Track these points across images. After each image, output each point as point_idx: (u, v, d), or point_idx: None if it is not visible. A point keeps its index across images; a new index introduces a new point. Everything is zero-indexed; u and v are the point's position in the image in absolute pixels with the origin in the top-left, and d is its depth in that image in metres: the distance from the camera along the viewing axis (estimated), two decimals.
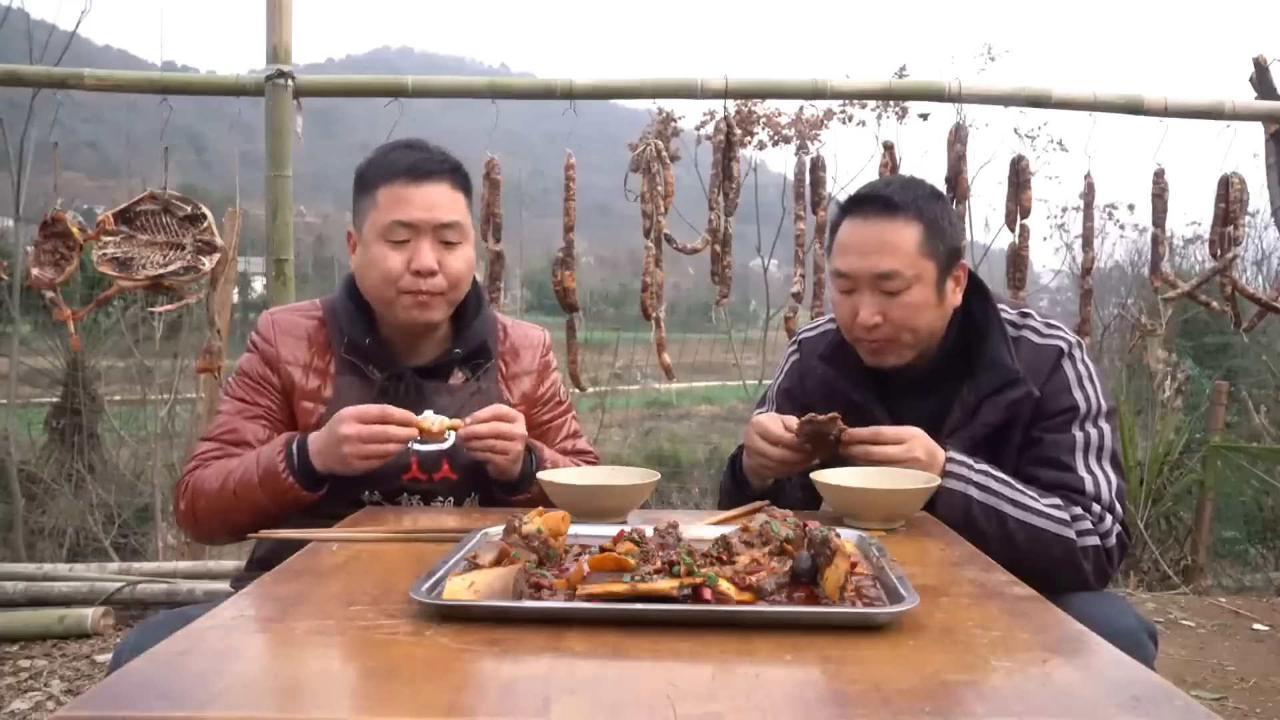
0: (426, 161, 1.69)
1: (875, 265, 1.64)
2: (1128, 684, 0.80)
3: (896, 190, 1.67)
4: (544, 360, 1.92)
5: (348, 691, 0.79)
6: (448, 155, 1.73)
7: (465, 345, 1.79)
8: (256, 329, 1.79)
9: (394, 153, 1.71)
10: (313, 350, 1.75)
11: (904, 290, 1.64)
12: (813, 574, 1.01)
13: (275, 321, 1.78)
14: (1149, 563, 4.58)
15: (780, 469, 1.66)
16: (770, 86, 3.34)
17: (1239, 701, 3.02)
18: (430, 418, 1.57)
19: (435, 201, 1.67)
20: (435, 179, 1.68)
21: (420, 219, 1.66)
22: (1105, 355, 6.70)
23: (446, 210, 1.68)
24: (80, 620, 3.37)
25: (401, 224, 1.66)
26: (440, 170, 1.69)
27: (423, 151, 1.71)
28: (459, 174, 1.73)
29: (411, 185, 1.67)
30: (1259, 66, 4.14)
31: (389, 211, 1.66)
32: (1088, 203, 3.27)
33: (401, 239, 1.67)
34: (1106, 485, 1.63)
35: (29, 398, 6.11)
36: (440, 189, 1.69)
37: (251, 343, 1.78)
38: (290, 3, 3.11)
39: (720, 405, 10.29)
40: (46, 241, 2.96)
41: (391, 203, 1.67)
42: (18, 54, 4.75)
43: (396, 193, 1.67)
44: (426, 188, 1.67)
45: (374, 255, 1.68)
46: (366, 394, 1.69)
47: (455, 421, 1.59)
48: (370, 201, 1.70)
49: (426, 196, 1.67)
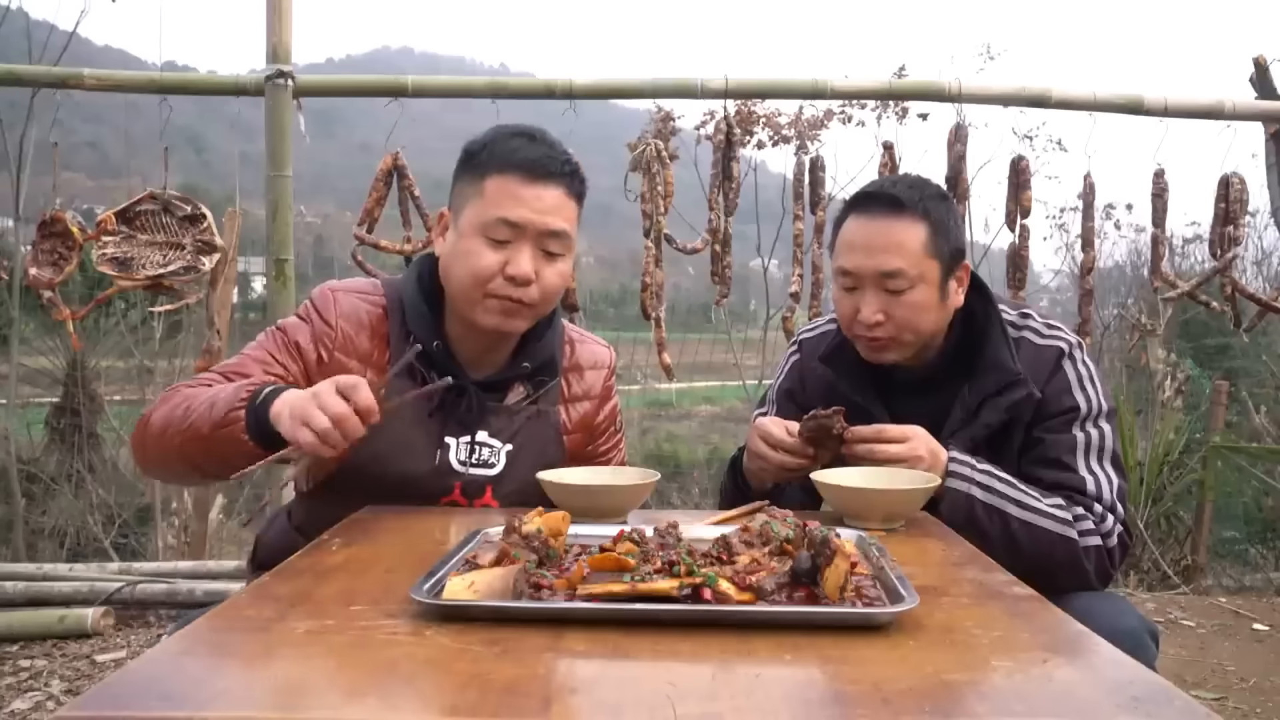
0: (548, 160, 1.54)
1: (880, 264, 1.63)
2: (1128, 684, 0.80)
3: (903, 189, 1.66)
4: (607, 385, 1.77)
5: (348, 691, 0.79)
6: (569, 156, 1.58)
7: (533, 359, 1.64)
8: (314, 304, 1.63)
9: (514, 140, 1.55)
10: (373, 342, 1.60)
11: (908, 290, 1.63)
12: (813, 574, 1.01)
13: (338, 302, 1.62)
14: (1149, 563, 4.58)
15: (781, 474, 1.65)
16: (770, 86, 3.34)
17: (1239, 701, 3.02)
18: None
19: (548, 206, 1.53)
20: (553, 181, 1.53)
21: (528, 221, 1.51)
22: (1105, 355, 6.70)
23: (557, 217, 1.53)
24: (80, 620, 3.37)
25: (507, 223, 1.51)
26: (560, 173, 1.54)
27: (545, 147, 1.55)
28: (576, 179, 1.58)
29: (526, 183, 1.52)
30: (1259, 66, 4.13)
31: (496, 206, 1.51)
32: (1088, 203, 3.27)
33: (503, 238, 1.52)
34: (1108, 485, 1.63)
35: (29, 398, 6.11)
36: (555, 193, 1.54)
37: (306, 314, 1.62)
38: (290, 3, 3.11)
39: (720, 405, 10.30)
40: (45, 241, 2.96)
41: (501, 197, 1.52)
42: (17, 54, 4.75)
43: (509, 187, 1.52)
44: (541, 188, 1.52)
45: (468, 248, 1.53)
46: (421, 403, 1.55)
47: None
48: (476, 189, 1.54)
49: (540, 198, 1.52)
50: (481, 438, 1.62)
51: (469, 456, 1.62)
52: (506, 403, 1.66)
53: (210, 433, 1.38)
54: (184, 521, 4.62)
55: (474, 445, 1.62)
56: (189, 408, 1.43)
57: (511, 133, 1.58)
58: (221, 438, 1.37)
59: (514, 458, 1.64)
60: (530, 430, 1.64)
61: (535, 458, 1.63)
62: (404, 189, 3.10)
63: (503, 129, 1.60)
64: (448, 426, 1.61)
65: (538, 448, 1.66)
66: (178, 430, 1.43)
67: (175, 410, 1.45)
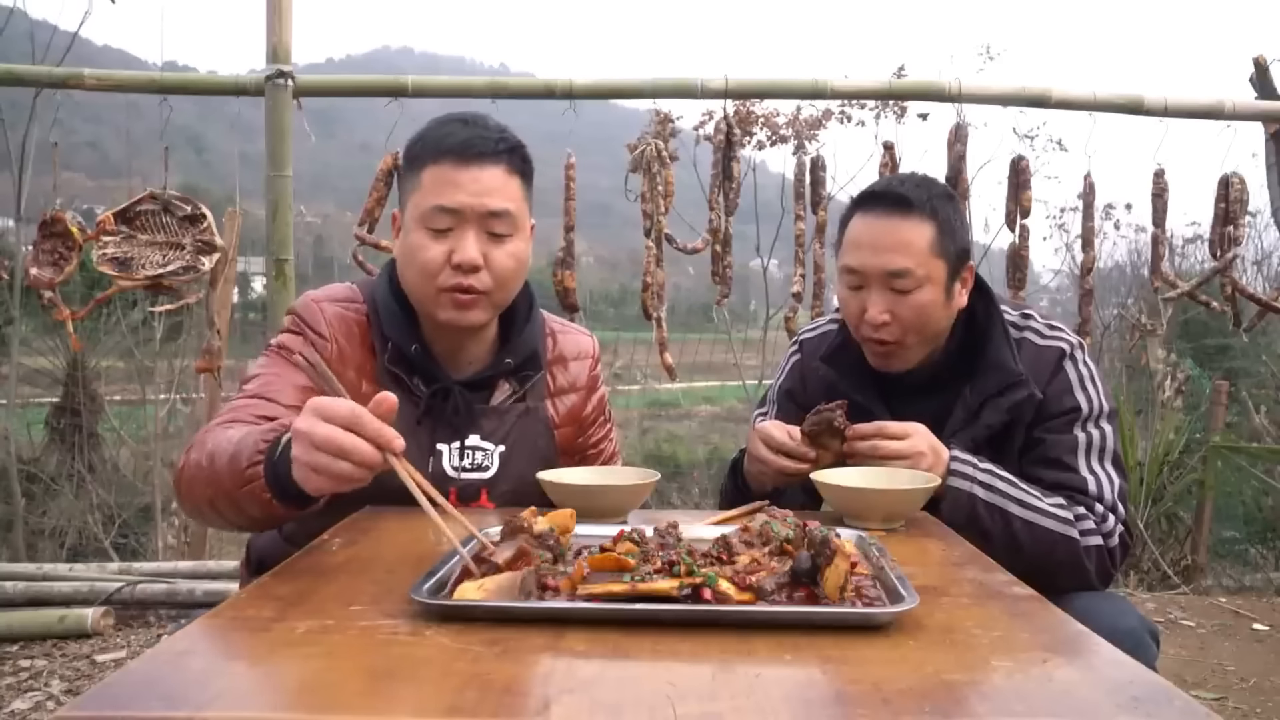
0: (479, 140, 1.49)
1: (887, 263, 1.63)
2: (1128, 684, 0.79)
3: (911, 188, 1.66)
4: (593, 375, 1.74)
5: (347, 691, 0.79)
6: (506, 134, 1.53)
7: (516, 355, 1.61)
8: (302, 316, 1.57)
9: (446, 127, 1.52)
10: (364, 351, 1.56)
11: (914, 289, 1.63)
12: (813, 574, 1.01)
13: (325, 313, 1.56)
14: (1149, 562, 4.58)
15: (782, 477, 1.64)
16: (770, 86, 3.34)
17: (1239, 701, 3.02)
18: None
19: (485, 186, 1.48)
20: (488, 160, 1.48)
21: (465, 205, 1.47)
22: (1105, 355, 6.70)
23: (497, 197, 1.49)
24: (80, 620, 3.37)
25: (444, 210, 1.47)
26: (494, 151, 1.49)
27: (478, 128, 1.51)
28: (517, 155, 1.52)
29: (460, 167, 1.47)
30: (1259, 66, 4.13)
31: (432, 195, 1.48)
32: (1088, 203, 3.27)
33: (443, 227, 1.48)
34: (1109, 486, 1.63)
35: (29, 398, 6.11)
36: (493, 172, 1.49)
37: (297, 327, 1.56)
38: (290, 3, 3.11)
39: (720, 405, 10.30)
40: (45, 241, 2.96)
41: (436, 185, 1.48)
42: (19, 55, 4.75)
43: (443, 174, 1.48)
44: (476, 170, 1.48)
45: (413, 243, 1.50)
46: (409, 410, 1.50)
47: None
48: (415, 181, 1.51)
49: (476, 180, 1.47)
50: (473, 441, 1.59)
51: (461, 461, 1.59)
52: (494, 403, 1.63)
53: (235, 490, 1.24)
54: (184, 521, 4.62)
55: (465, 450, 1.59)
56: (214, 457, 1.28)
57: (444, 120, 1.54)
58: (247, 496, 1.22)
59: (507, 458, 1.61)
60: (521, 429, 1.62)
61: (528, 456, 1.62)
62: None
63: (437, 118, 1.57)
64: (438, 433, 1.58)
65: (530, 445, 1.64)
66: (206, 484, 1.29)
67: (201, 461, 1.31)
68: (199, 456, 1.32)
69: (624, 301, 10.07)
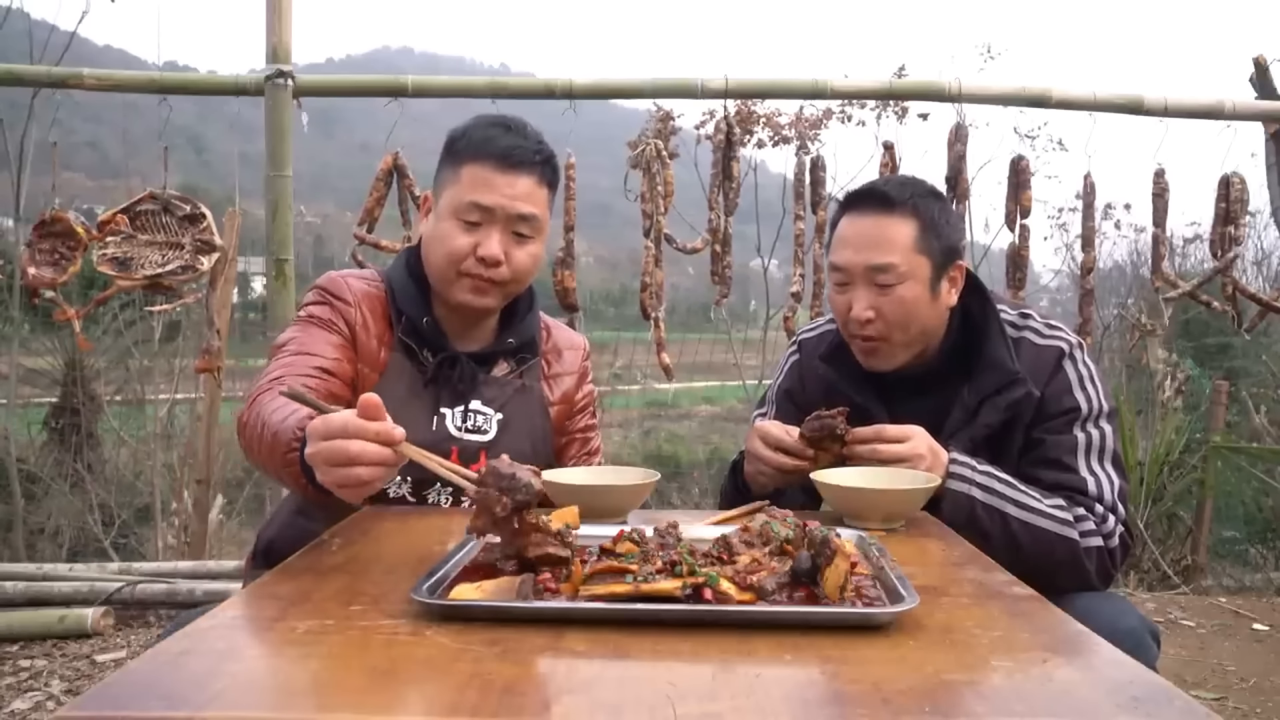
0: (520, 150, 1.64)
1: (869, 259, 1.66)
2: (1128, 684, 0.80)
3: (894, 187, 1.70)
4: (584, 365, 1.90)
5: (348, 691, 0.79)
6: (543, 145, 1.68)
7: (518, 337, 1.77)
8: (327, 289, 1.71)
9: (491, 130, 1.67)
10: (384, 322, 1.71)
11: (897, 285, 1.65)
12: (813, 574, 1.01)
13: (350, 284, 1.72)
14: (1149, 562, 4.58)
15: (781, 477, 1.65)
16: (770, 86, 3.34)
17: (1239, 701, 3.02)
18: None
19: (518, 193, 1.64)
20: (524, 169, 1.64)
21: (499, 206, 1.63)
22: (1105, 355, 6.70)
23: (527, 203, 1.65)
24: (80, 620, 3.37)
25: (479, 207, 1.63)
26: (531, 162, 1.65)
27: (519, 138, 1.66)
28: (549, 166, 1.69)
29: (499, 171, 1.63)
30: (1259, 66, 4.13)
31: (469, 191, 1.63)
32: (1088, 203, 3.27)
33: (475, 221, 1.63)
34: (1109, 486, 1.63)
35: (29, 398, 6.11)
36: (526, 180, 1.65)
37: (322, 298, 1.70)
38: (290, 3, 3.11)
39: (720, 405, 10.30)
40: (43, 241, 2.95)
41: (474, 183, 1.63)
42: (18, 54, 4.75)
43: (482, 175, 1.63)
44: (513, 176, 1.64)
45: (444, 230, 1.65)
46: (417, 377, 1.67)
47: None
48: (454, 175, 1.66)
49: (511, 185, 1.63)
50: (475, 405, 1.72)
51: (464, 424, 1.71)
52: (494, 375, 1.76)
53: (279, 470, 1.37)
54: (184, 521, 4.61)
55: (468, 413, 1.71)
56: (264, 425, 1.40)
57: (489, 122, 1.69)
58: (289, 477, 1.35)
59: (505, 426, 1.73)
60: (518, 401, 1.75)
61: (525, 427, 1.75)
62: (404, 189, 3.11)
63: (482, 118, 1.72)
64: (442, 398, 1.70)
65: (526, 417, 1.77)
66: (258, 450, 1.42)
67: (255, 426, 1.43)
68: (251, 419, 1.45)
69: (624, 301, 10.08)
